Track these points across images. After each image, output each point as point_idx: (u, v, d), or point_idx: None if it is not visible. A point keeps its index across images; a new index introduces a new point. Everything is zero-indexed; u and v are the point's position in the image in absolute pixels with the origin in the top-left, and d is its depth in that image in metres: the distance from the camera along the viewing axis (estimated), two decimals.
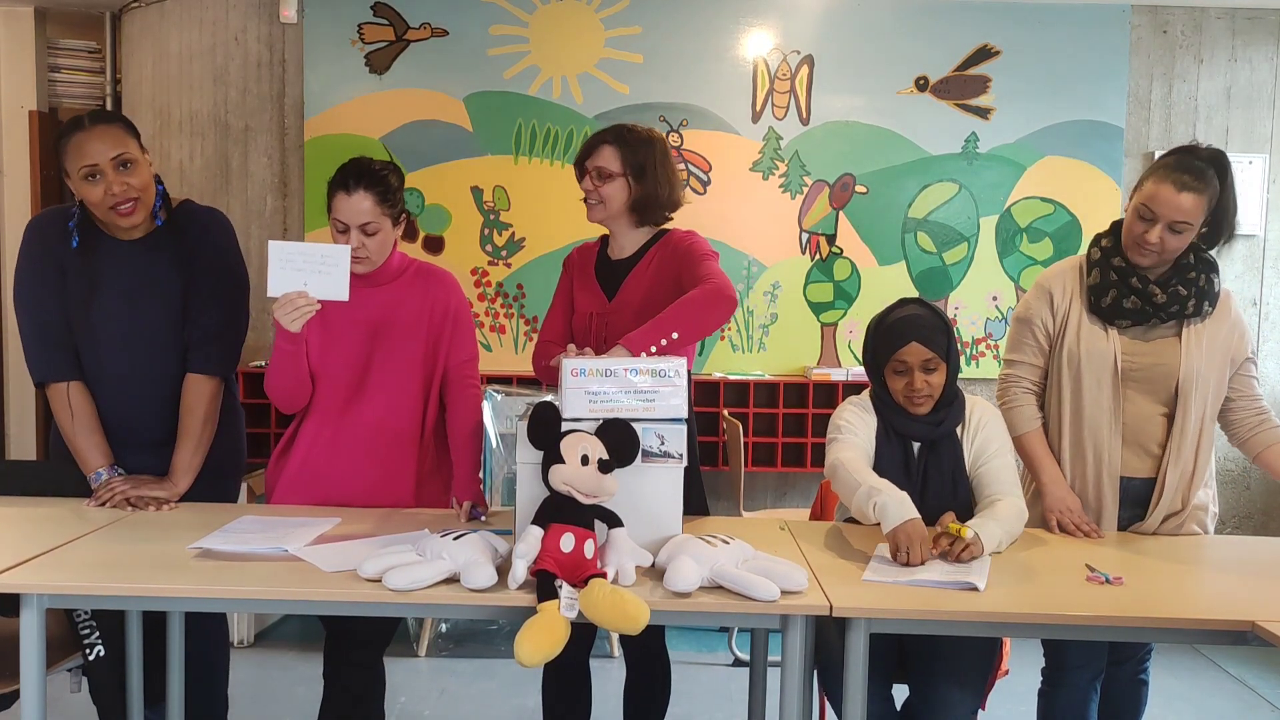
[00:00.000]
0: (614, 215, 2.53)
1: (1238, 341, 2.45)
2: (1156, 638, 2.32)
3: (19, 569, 1.91)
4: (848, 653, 1.89)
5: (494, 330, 4.51)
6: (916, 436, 2.35)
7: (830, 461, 2.32)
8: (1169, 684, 3.72)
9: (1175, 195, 2.29)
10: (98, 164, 2.31)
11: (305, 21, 4.42)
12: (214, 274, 2.51)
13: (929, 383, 2.29)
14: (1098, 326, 2.45)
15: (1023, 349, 2.54)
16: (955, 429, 2.36)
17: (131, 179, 2.35)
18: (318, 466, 2.44)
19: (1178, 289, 2.39)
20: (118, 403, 2.47)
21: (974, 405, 2.41)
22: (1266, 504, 4.57)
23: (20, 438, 4.85)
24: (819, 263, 4.51)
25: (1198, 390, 2.40)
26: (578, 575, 1.82)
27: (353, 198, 2.31)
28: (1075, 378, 2.45)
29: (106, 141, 2.33)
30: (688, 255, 2.47)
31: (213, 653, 2.66)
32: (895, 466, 2.32)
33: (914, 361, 2.28)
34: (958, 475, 2.35)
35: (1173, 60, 4.47)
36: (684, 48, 4.43)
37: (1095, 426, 2.44)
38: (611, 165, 2.49)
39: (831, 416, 2.42)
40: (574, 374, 2.06)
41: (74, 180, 2.35)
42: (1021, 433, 2.51)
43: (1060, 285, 2.50)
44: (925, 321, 2.31)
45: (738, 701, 3.52)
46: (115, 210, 2.35)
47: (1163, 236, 2.32)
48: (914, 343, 2.28)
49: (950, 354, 2.31)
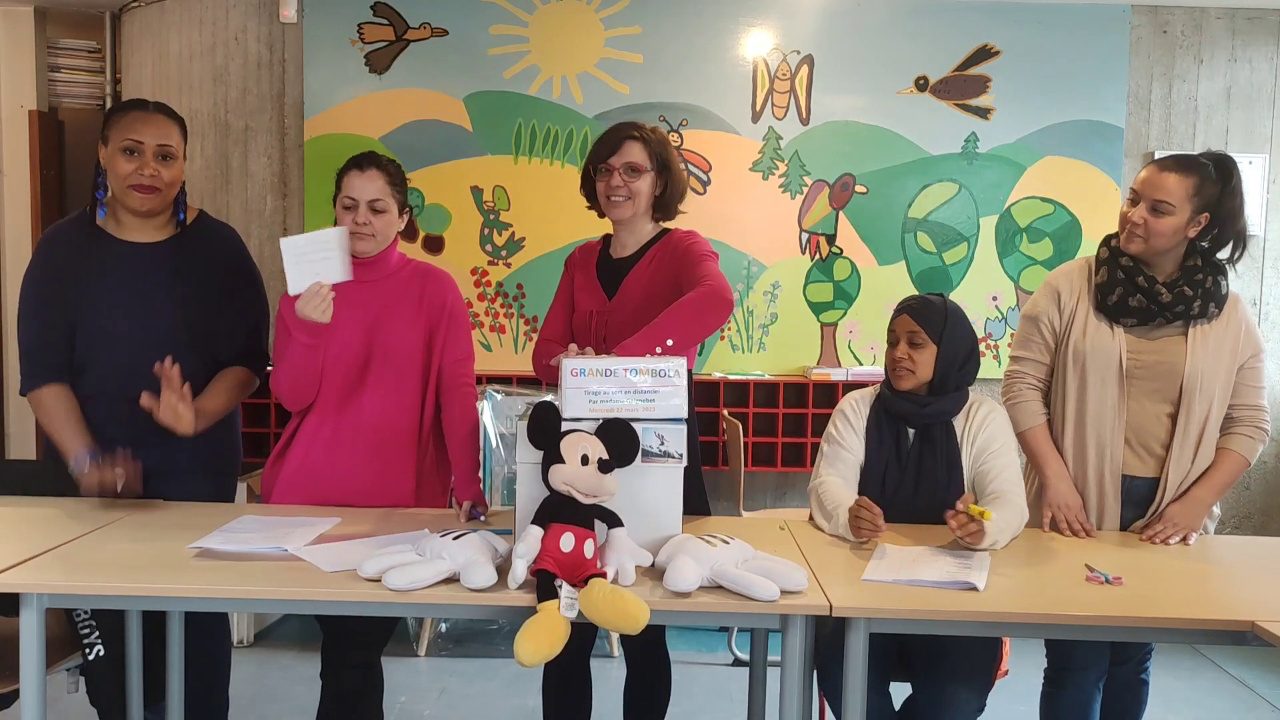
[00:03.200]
0: (640, 211, 2.54)
1: (1243, 345, 2.45)
2: (1156, 638, 2.32)
3: (19, 568, 1.91)
4: (847, 653, 1.89)
5: (494, 330, 4.51)
6: (902, 414, 2.44)
7: (812, 484, 2.48)
8: (1169, 684, 3.72)
9: (1157, 174, 2.36)
10: (143, 143, 2.42)
11: (305, 21, 4.42)
12: (243, 293, 2.58)
13: (911, 356, 2.42)
14: (1104, 325, 2.45)
15: (1029, 346, 2.55)
16: (950, 420, 2.42)
17: (165, 170, 2.45)
18: (316, 466, 2.43)
19: (1184, 290, 2.39)
20: (123, 404, 2.46)
21: (979, 403, 2.47)
22: (1266, 504, 4.58)
23: (20, 437, 4.86)
24: (819, 263, 4.51)
25: (1202, 391, 2.40)
26: (578, 575, 1.82)
27: (365, 174, 2.40)
28: (1080, 375, 2.46)
29: (160, 128, 2.46)
30: (687, 255, 2.47)
31: (213, 652, 2.66)
32: (888, 451, 2.44)
33: (901, 332, 2.45)
34: (952, 467, 2.40)
35: (1173, 60, 4.47)
36: (684, 47, 4.43)
37: (1099, 424, 2.44)
38: (643, 160, 2.50)
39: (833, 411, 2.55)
40: (574, 374, 2.06)
41: (109, 150, 2.44)
42: (1026, 428, 2.52)
43: (1068, 284, 2.52)
44: (926, 304, 2.45)
45: (737, 701, 3.52)
46: (136, 189, 2.42)
47: (1146, 217, 2.35)
48: (905, 315, 2.45)
49: (943, 340, 2.40)
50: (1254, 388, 2.47)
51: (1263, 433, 2.48)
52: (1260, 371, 2.48)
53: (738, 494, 3.87)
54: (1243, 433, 2.46)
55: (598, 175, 2.54)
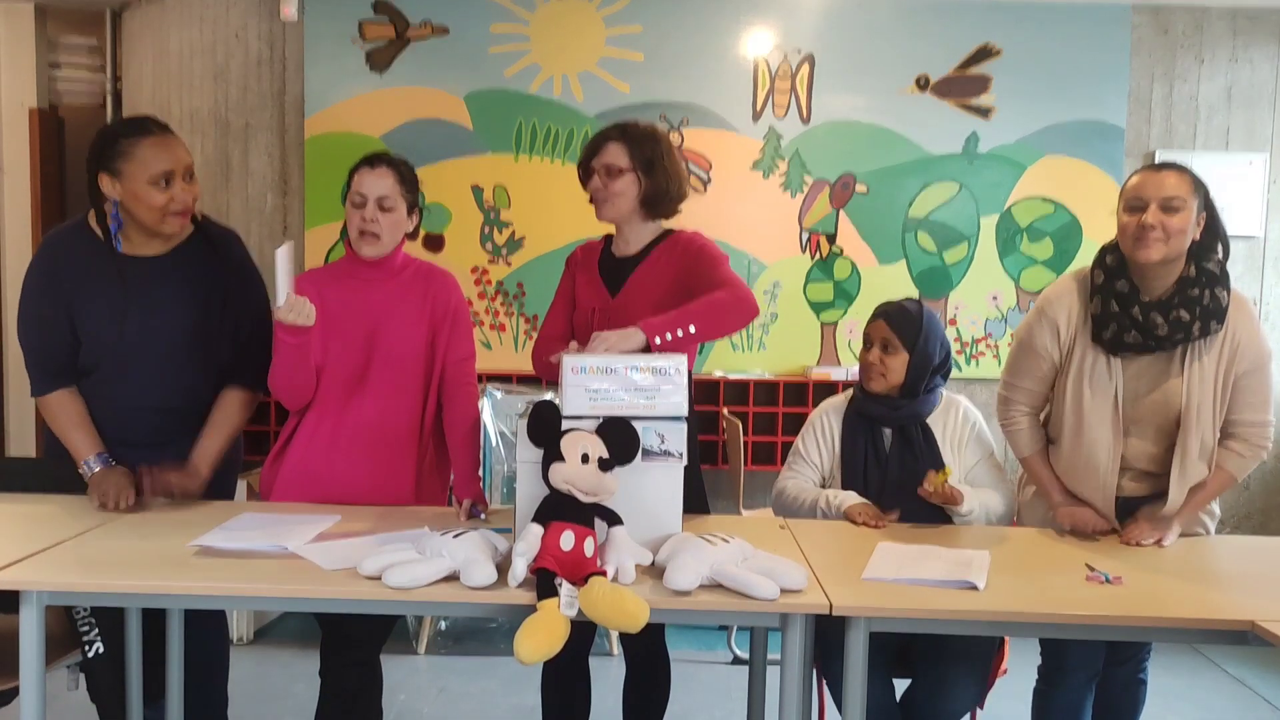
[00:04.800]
0: (625, 212, 2.53)
1: (1242, 355, 2.33)
2: (1156, 637, 2.32)
3: (18, 565, 1.91)
4: (847, 652, 1.89)
5: (494, 329, 4.51)
6: (874, 416, 2.55)
7: (775, 489, 2.63)
8: (1169, 684, 3.72)
9: (1154, 176, 2.29)
10: (174, 170, 2.36)
11: (305, 19, 4.42)
12: (246, 298, 2.56)
13: (883, 360, 2.52)
14: (1101, 358, 2.36)
15: (1025, 375, 2.47)
16: (925, 420, 2.54)
17: (194, 189, 2.42)
18: (316, 464, 2.43)
19: (1180, 314, 2.27)
20: (131, 411, 2.47)
21: (955, 405, 2.59)
22: (1266, 504, 4.57)
23: (20, 435, 4.86)
24: (819, 262, 4.51)
25: (1199, 421, 2.32)
26: (577, 573, 1.82)
27: (376, 170, 2.40)
28: (1078, 412, 2.38)
29: (180, 150, 2.41)
30: (700, 256, 2.47)
31: (212, 650, 2.66)
32: (865, 452, 2.54)
33: (875, 336, 2.55)
34: (933, 462, 2.47)
35: (1173, 60, 4.46)
36: (685, 46, 4.42)
37: (1096, 459, 2.38)
38: (620, 161, 2.48)
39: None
40: (574, 371, 2.06)
41: (134, 183, 2.34)
42: (1025, 455, 2.51)
43: (1066, 313, 2.40)
44: (903, 311, 2.55)
45: (737, 700, 3.52)
46: (173, 215, 2.38)
47: (1162, 219, 2.23)
48: (881, 320, 2.55)
49: (916, 348, 2.49)
50: (1256, 401, 2.35)
51: (1260, 450, 2.36)
52: (1264, 384, 2.35)
53: (738, 493, 3.87)
54: (1236, 449, 2.35)
55: (586, 179, 2.56)
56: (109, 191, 2.37)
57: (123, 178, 2.35)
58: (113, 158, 2.34)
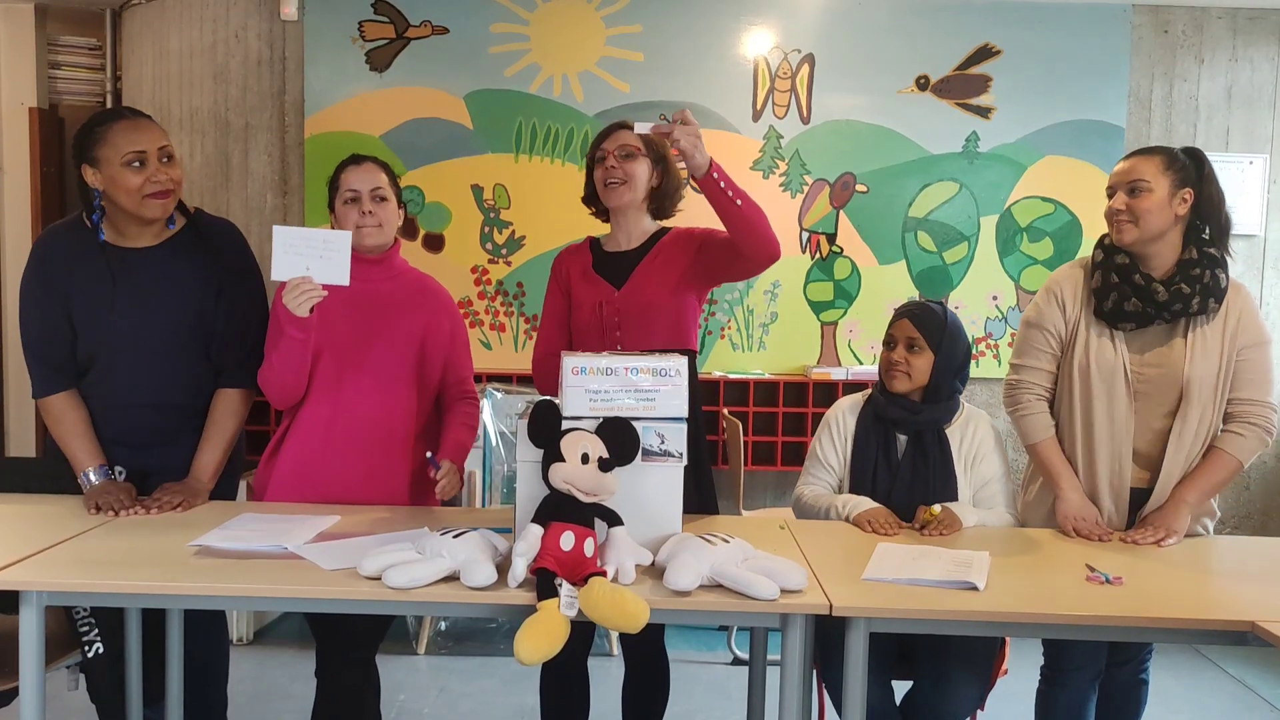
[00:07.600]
0: (636, 198, 2.55)
1: (1241, 333, 2.36)
2: (1156, 638, 2.32)
3: (18, 566, 1.91)
4: (847, 652, 1.89)
5: (494, 329, 4.51)
6: (893, 419, 2.50)
7: (794, 496, 2.59)
8: (1169, 684, 3.72)
9: (1125, 163, 2.44)
10: (146, 151, 2.35)
11: (306, 19, 4.42)
12: (242, 291, 2.54)
13: (908, 359, 2.48)
14: (1105, 335, 2.40)
15: (1034, 354, 2.49)
16: (943, 428, 2.49)
17: (172, 171, 2.40)
18: (309, 464, 2.43)
19: (1180, 287, 2.33)
20: (128, 408, 2.46)
21: (973, 417, 2.54)
22: (1266, 504, 4.57)
23: (20, 435, 4.86)
24: (819, 262, 4.51)
25: (1200, 396, 2.34)
26: (577, 573, 1.82)
27: (363, 167, 2.45)
28: (1086, 390, 2.41)
29: (154, 132, 2.40)
30: (711, 230, 2.55)
31: (212, 650, 2.66)
32: (877, 455, 2.50)
33: (900, 336, 2.52)
34: (949, 479, 2.45)
35: (1174, 60, 4.46)
36: (685, 46, 4.42)
37: (1109, 439, 2.39)
38: (636, 144, 2.53)
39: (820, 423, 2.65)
40: (574, 372, 2.05)
41: (110, 167, 2.34)
42: (1036, 440, 2.49)
43: (1071, 289, 2.46)
44: (926, 311, 2.52)
45: (737, 700, 3.52)
46: (152, 197, 2.36)
47: (1127, 201, 2.35)
48: (906, 320, 2.52)
49: (941, 348, 2.47)
50: (1256, 380, 2.37)
51: (1262, 430, 2.36)
52: (1264, 362, 2.38)
53: (738, 493, 3.86)
54: (1237, 430, 2.37)
55: (596, 167, 2.56)
56: (92, 182, 2.38)
57: (100, 164, 2.36)
58: (90, 146, 2.37)
